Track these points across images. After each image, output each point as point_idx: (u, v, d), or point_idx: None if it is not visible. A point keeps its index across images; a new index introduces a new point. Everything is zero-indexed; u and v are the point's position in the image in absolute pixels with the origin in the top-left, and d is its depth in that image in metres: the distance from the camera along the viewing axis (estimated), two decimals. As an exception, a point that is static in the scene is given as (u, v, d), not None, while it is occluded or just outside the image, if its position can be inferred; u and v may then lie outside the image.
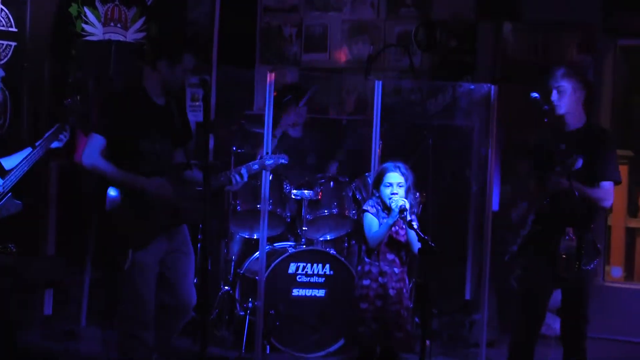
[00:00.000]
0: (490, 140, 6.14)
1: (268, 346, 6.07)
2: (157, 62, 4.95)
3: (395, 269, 5.20)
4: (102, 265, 6.42)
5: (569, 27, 7.30)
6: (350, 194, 6.43)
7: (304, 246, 6.39)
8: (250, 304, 6.17)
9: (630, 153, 7.30)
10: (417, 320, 6.04)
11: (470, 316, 6.74)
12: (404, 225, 5.14)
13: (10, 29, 6.63)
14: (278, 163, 5.36)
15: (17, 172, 5.40)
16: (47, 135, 5.48)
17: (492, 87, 6.15)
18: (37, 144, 5.46)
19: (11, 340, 5.57)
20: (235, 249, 6.71)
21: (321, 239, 6.60)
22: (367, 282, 5.19)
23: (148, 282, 4.93)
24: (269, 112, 5.86)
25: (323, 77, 7.69)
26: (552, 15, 7.23)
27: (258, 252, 6.11)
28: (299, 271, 6.25)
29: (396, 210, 5.04)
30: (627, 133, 7.57)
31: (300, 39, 8.07)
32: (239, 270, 6.48)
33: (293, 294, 6.26)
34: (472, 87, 7.16)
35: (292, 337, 6.18)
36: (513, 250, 5.18)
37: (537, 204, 5.11)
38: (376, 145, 6.17)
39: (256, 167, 5.23)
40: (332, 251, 6.40)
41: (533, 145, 5.30)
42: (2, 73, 6.56)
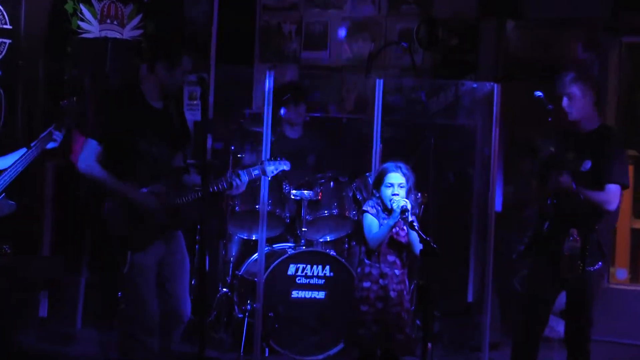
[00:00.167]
0: (493, 140, 6.08)
1: (267, 349, 6.05)
2: (155, 65, 4.88)
3: (396, 271, 5.15)
4: (99, 267, 6.40)
5: (572, 24, 7.24)
6: (350, 194, 6.39)
7: (304, 247, 6.35)
8: (249, 306, 6.14)
9: (636, 153, 7.19)
10: (418, 322, 6.01)
11: (473, 319, 6.68)
12: (404, 226, 5.10)
13: (4, 26, 6.60)
14: (279, 170, 5.26)
15: (11, 173, 5.36)
16: (42, 135, 5.44)
17: (495, 86, 6.11)
18: (32, 144, 5.42)
19: (7, 342, 5.55)
20: (234, 250, 6.68)
21: (321, 240, 6.55)
22: (367, 284, 5.15)
23: (148, 282, 4.88)
24: (268, 112, 5.80)
25: (323, 75, 7.64)
26: (555, 12, 7.16)
27: (257, 254, 6.08)
28: (299, 273, 6.21)
29: (398, 211, 5.00)
30: (631, 131, 7.47)
31: (299, 37, 8.01)
32: (237, 272, 6.44)
33: (292, 295, 6.21)
34: (474, 86, 7.12)
35: (292, 340, 6.14)
36: (520, 249, 5.14)
37: (539, 204, 5.07)
38: (377, 145, 6.11)
39: (257, 172, 5.14)
40: (332, 252, 6.35)
41: (537, 144, 5.24)
42: (-4, 71, 6.53)
